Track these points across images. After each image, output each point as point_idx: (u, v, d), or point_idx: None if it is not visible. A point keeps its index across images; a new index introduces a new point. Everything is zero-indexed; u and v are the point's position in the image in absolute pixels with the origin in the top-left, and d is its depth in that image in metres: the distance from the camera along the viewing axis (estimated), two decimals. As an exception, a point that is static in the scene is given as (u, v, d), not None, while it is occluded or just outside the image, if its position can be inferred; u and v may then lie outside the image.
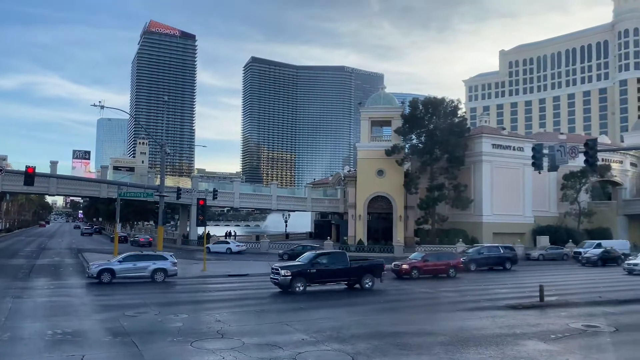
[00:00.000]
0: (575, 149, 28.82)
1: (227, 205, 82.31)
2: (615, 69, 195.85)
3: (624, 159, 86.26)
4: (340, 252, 31.51)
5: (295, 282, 26.93)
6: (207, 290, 29.66)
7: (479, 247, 48.20)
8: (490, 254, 44.54)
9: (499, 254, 44.87)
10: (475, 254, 44.41)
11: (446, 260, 37.90)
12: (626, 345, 16.29)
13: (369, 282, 29.18)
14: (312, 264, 28.01)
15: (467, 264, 41.75)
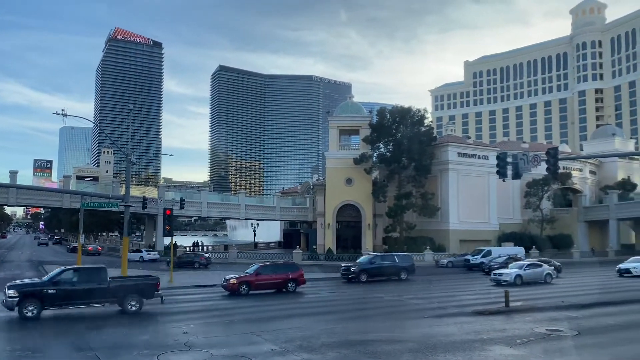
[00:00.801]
0: (538, 158, 29.65)
1: (195, 215, 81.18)
2: (574, 80, 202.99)
3: (584, 167, 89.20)
4: (97, 267, 24.94)
5: (25, 304, 21.47)
6: (174, 302, 29.06)
7: (372, 255, 44.25)
8: (383, 264, 41.33)
9: (394, 263, 41.80)
10: (367, 263, 41.05)
11: (284, 273, 33.15)
12: (588, 348, 16.74)
13: (134, 304, 23.60)
14: (52, 283, 22.47)
15: (358, 274, 39.42)
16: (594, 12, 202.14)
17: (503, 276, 36.52)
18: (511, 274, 36.44)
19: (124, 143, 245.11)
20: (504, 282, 35.61)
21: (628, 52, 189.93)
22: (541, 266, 38.68)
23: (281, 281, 32.85)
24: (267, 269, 33.36)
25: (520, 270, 37.32)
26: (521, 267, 37.83)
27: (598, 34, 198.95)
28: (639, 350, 16.21)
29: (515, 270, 37.21)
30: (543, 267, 38.53)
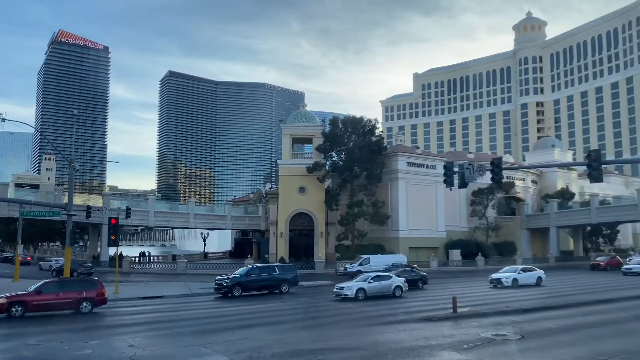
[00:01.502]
0: (483, 167, 30.71)
1: (142, 224, 78.85)
2: (517, 93, 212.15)
3: (526, 177, 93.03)
4: None
5: None
6: (120, 314, 28.05)
7: (249, 267, 40.54)
8: (261, 276, 37.69)
9: (274, 275, 38.27)
10: (242, 276, 37.16)
11: (75, 291, 27.22)
12: (531, 351, 17.36)
13: None
14: None
15: (231, 288, 35.62)
16: (535, 29, 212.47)
17: (344, 290, 32.71)
18: (352, 288, 32.54)
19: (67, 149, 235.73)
20: (344, 297, 32.31)
21: (566, 67, 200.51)
22: (389, 278, 34.99)
23: (71, 301, 26.81)
24: (52, 286, 27.44)
25: (364, 284, 33.33)
26: (366, 280, 33.79)
27: (539, 49, 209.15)
28: (579, 353, 16.95)
29: (358, 284, 33.35)
30: (391, 280, 34.71)
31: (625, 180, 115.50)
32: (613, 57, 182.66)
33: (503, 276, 41.69)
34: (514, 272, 42.20)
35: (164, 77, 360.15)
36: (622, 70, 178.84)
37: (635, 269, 52.16)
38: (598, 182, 25.37)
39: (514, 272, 42.40)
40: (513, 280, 40.70)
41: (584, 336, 19.93)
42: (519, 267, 44.18)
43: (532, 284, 41.60)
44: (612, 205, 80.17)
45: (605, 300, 30.64)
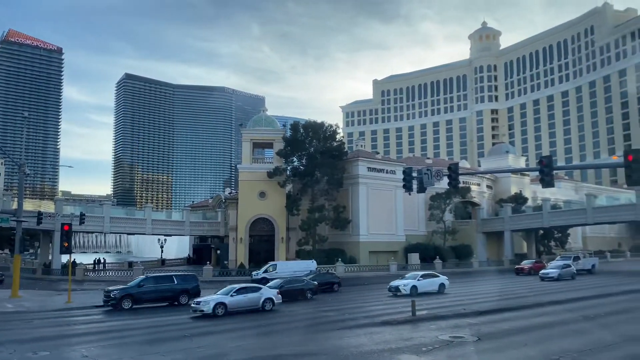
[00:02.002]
0: (440, 173, 31.41)
1: (97, 231, 76.36)
2: (473, 100, 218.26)
3: (481, 182, 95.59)
4: None
5: None
6: (73, 324, 27.09)
7: (143, 277, 36.83)
8: (157, 286, 34.09)
9: (171, 285, 34.68)
10: (134, 286, 33.45)
11: None
12: (487, 352, 17.81)
13: None
14: None
15: (120, 300, 31.93)
16: (489, 39, 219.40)
17: (201, 305, 28.13)
18: (209, 302, 28.05)
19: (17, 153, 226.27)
20: (200, 313, 27.93)
21: (519, 76, 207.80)
22: (258, 290, 30.66)
23: None
24: None
25: (225, 297, 28.76)
26: (228, 293, 29.30)
27: (493, 58, 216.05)
28: (532, 353, 17.48)
29: (218, 297, 28.74)
30: (260, 292, 30.35)
31: (575, 185, 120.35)
32: (563, 66, 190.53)
33: (401, 283, 38.26)
34: (413, 279, 38.74)
35: (121, 80, 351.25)
36: (571, 79, 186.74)
37: (552, 274, 50.71)
38: (550, 187, 26.35)
39: (413, 278, 38.95)
40: (412, 287, 37.36)
41: (537, 337, 20.58)
42: (420, 274, 40.53)
43: (433, 292, 38.57)
44: (563, 210, 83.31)
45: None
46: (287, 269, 52.06)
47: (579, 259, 61.58)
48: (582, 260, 62.00)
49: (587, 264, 62.31)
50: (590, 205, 75.32)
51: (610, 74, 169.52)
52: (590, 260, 64.22)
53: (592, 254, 69.33)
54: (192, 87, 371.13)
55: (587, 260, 63.27)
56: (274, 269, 52.83)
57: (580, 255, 64.36)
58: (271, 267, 53.77)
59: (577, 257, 62.29)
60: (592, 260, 64.81)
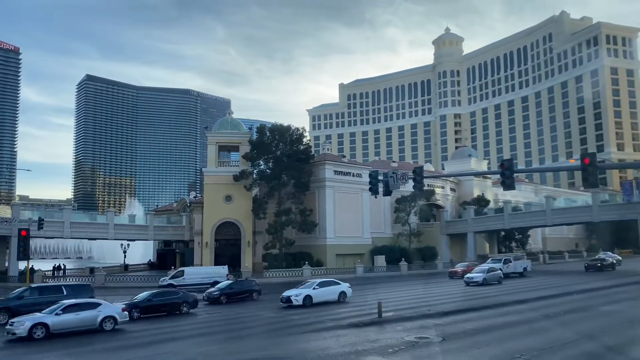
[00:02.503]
0: (406, 176, 31.86)
1: (57, 236, 73.94)
2: (436, 105, 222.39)
3: (445, 185, 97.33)
4: None
5: None
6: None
7: (26, 287, 32.28)
8: (41, 298, 29.76)
9: (57, 297, 29.40)
10: (14, 298, 30.00)
11: None
12: (452, 352, 18.13)
13: None
14: None
15: None
16: (452, 44, 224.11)
17: (15, 326, 23.47)
18: (25, 323, 23.40)
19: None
20: (12, 336, 23.34)
21: (481, 81, 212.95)
22: (94, 307, 25.71)
23: None
24: None
25: (49, 317, 24.12)
26: (53, 312, 24.50)
27: (456, 64, 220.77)
28: (495, 352, 17.91)
29: (39, 317, 24.24)
30: (98, 310, 25.59)
31: (534, 188, 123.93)
32: (523, 72, 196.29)
33: (294, 293, 34.03)
34: (309, 288, 34.66)
35: (82, 81, 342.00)
36: (531, 85, 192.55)
37: (476, 279, 47.02)
38: (510, 189, 27.08)
39: (309, 287, 34.79)
40: (305, 298, 33.40)
41: (500, 336, 21.10)
42: (317, 281, 36.19)
43: (333, 301, 34.90)
44: (523, 212, 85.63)
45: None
46: (195, 275, 50.97)
47: (510, 262, 58.90)
48: (513, 263, 59.56)
49: (518, 266, 59.97)
50: (549, 207, 77.68)
51: (568, 80, 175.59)
52: (521, 262, 61.29)
53: (525, 256, 65.10)
54: (156, 89, 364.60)
55: (518, 263, 60.53)
56: (182, 274, 51.46)
57: (512, 257, 61.02)
58: (179, 272, 52.45)
59: (508, 259, 59.40)
60: (524, 262, 61.79)
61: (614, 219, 73.72)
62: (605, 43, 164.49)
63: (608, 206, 72.16)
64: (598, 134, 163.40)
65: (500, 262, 56.68)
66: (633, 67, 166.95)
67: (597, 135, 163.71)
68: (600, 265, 64.72)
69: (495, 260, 59.07)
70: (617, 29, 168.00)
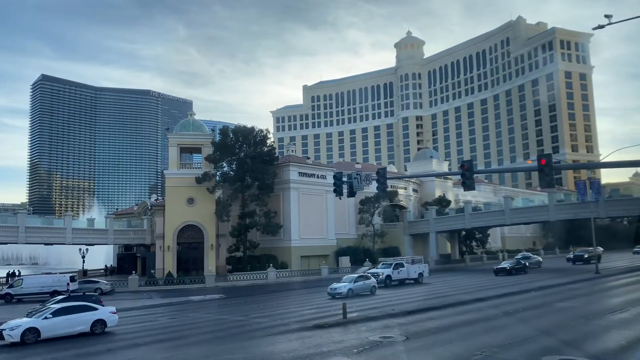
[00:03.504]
0: (369, 177, 32.19)
1: (10, 242, 71.06)
2: (399, 107, 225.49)
3: (408, 186, 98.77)
4: None
5: None
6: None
7: None
8: None
9: None
10: None
11: None
12: (416, 351, 18.41)
13: None
14: None
15: None
16: (414, 47, 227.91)
17: None
18: None
19: None
20: None
21: (442, 84, 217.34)
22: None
23: None
24: None
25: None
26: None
27: (418, 67, 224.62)
28: (457, 350, 18.27)
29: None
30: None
31: (493, 188, 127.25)
32: (482, 75, 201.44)
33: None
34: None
35: (37, 81, 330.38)
36: (489, 87, 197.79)
37: (340, 290, 39.67)
38: (471, 190, 27.73)
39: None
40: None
41: (461, 334, 21.55)
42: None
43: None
44: (483, 211, 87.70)
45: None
46: (35, 284, 48.87)
47: (402, 267, 51.52)
48: (407, 268, 51.94)
49: (412, 272, 52.50)
50: (508, 207, 79.86)
51: (525, 83, 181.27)
52: (416, 267, 53.51)
53: (422, 260, 57.26)
54: (116, 89, 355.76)
55: (413, 268, 52.79)
56: (20, 283, 49.17)
57: (405, 261, 53.50)
58: (19, 281, 50.28)
59: (400, 264, 51.89)
60: (420, 267, 54.02)
61: (569, 218, 76.33)
62: (559, 48, 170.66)
63: (563, 205, 74.68)
64: (553, 136, 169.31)
65: (390, 267, 50.45)
66: (586, 71, 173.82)
67: (552, 136, 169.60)
68: (511, 268, 59.44)
69: (385, 264, 52.07)
70: (571, 34, 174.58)
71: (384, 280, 48.56)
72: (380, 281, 47.26)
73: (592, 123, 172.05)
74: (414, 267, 53.21)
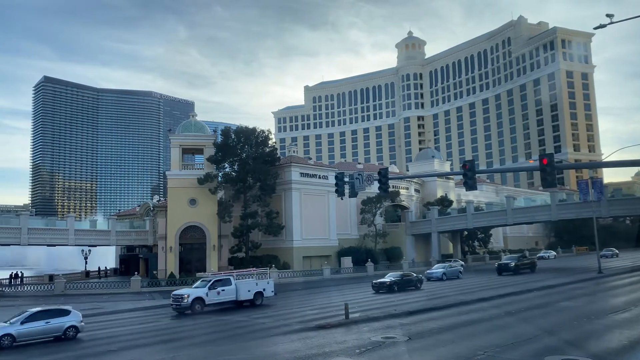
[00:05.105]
0: (371, 177, 32.20)
1: (13, 243, 71.22)
2: (400, 107, 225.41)
3: (410, 186, 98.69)
4: None
5: None
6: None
7: None
8: None
9: None
10: None
11: None
12: (418, 351, 18.40)
13: None
14: None
15: None
16: (415, 48, 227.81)
17: None
18: None
19: None
20: None
21: (443, 84, 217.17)
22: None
23: None
24: None
25: None
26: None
27: (419, 67, 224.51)
28: (459, 350, 18.26)
29: None
30: None
31: (495, 188, 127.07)
32: (484, 75, 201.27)
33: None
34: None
35: (39, 83, 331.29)
36: (491, 87, 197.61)
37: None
38: (473, 189, 27.72)
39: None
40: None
41: (464, 333, 21.53)
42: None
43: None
44: (485, 211, 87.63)
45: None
46: None
47: (223, 286, 34.90)
48: (234, 285, 35.42)
49: (243, 290, 35.63)
50: (510, 207, 79.78)
51: (526, 82, 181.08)
52: (251, 284, 36.60)
53: (268, 274, 40.54)
54: (118, 91, 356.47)
55: (244, 285, 36.08)
56: None
57: (236, 276, 36.53)
58: None
59: (217, 282, 35.07)
60: (259, 284, 37.04)
61: (571, 217, 76.26)
62: (561, 47, 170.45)
63: (565, 205, 74.57)
64: (555, 135, 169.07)
65: (205, 288, 34.61)
66: (587, 70, 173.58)
67: (554, 136, 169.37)
68: None
69: (204, 281, 36.10)
70: (572, 33, 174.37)
71: (189, 306, 32.98)
72: (183, 307, 33.01)
73: (594, 122, 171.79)
74: (246, 283, 36.37)
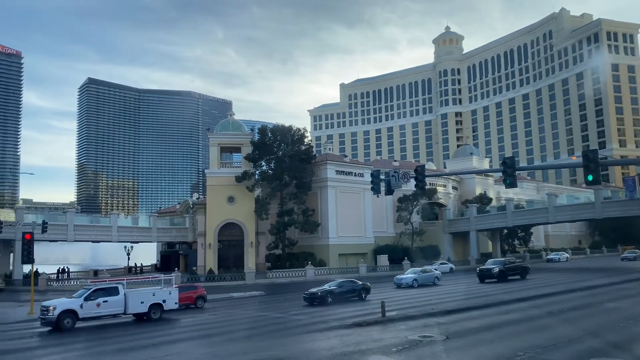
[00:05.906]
0: (407, 175, 31.95)
1: (60, 239, 74.17)
2: (437, 104, 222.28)
3: (447, 183, 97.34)
4: None
5: None
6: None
7: None
8: None
9: None
10: None
11: None
12: (456, 351, 18.20)
13: None
14: None
15: None
16: (453, 43, 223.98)
17: None
18: None
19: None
20: None
21: (482, 80, 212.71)
22: None
23: None
24: None
25: None
26: None
27: (457, 62, 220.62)
28: (498, 350, 17.97)
29: None
30: None
31: (536, 185, 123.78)
32: (524, 70, 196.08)
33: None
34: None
35: (83, 84, 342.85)
36: (531, 82, 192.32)
37: None
38: (513, 187, 27.14)
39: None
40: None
41: (503, 334, 21.17)
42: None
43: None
44: (526, 209, 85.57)
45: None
46: None
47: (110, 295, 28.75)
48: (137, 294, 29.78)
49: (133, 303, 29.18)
50: (552, 205, 77.62)
51: (568, 77, 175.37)
52: (147, 294, 30.25)
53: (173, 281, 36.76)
54: (158, 91, 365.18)
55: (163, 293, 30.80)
56: None
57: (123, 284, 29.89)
58: None
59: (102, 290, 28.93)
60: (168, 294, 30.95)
61: (617, 216, 73.61)
62: (605, 39, 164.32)
63: (611, 203, 72.00)
64: (600, 131, 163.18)
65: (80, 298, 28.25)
66: (634, 63, 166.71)
67: (598, 132, 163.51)
68: None
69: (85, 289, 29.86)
70: (618, 25, 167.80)
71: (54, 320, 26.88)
72: (47, 321, 27.13)
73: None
74: (140, 294, 30.09)
